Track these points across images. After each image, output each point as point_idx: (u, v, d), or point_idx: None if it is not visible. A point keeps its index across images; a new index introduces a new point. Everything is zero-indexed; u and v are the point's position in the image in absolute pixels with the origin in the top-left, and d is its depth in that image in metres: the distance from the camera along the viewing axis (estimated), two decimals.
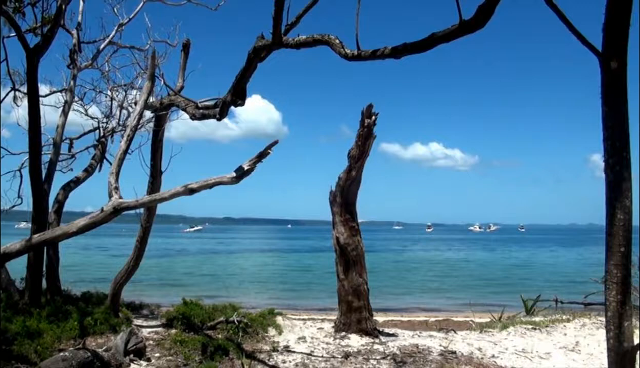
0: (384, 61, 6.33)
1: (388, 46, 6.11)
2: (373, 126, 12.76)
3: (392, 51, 6.02)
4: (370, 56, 6.26)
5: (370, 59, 6.32)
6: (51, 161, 15.50)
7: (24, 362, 9.68)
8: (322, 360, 11.01)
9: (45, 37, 13.89)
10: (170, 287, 34.32)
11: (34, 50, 13.90)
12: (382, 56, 6.12)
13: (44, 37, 13.84)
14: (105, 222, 9.18)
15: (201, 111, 9.92)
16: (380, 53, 6.12)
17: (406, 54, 5.96)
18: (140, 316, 14.10)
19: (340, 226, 13.12)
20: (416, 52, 5.88)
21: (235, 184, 8.69)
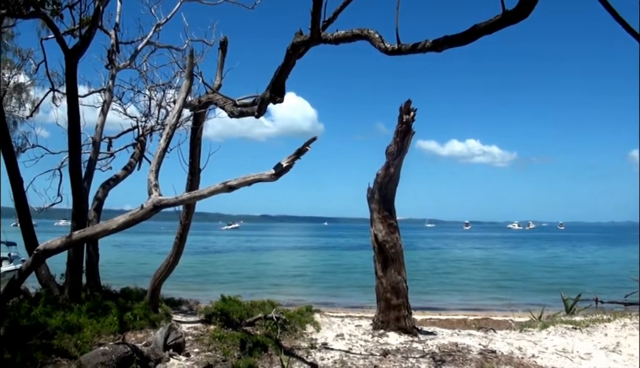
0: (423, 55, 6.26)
1: (429, 39, 6.02)
2: (411, 122, 12.66)
3: (434, 44, 5.94)
4: (410, 49, 6.19)
5: (411, 53, 6.24)
6: (91, 159, 15.74)
7: (64, 356, 9.81)
8: (361, 358, 10.95)
9: (84, 39, 14.09)
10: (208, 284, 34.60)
11: (72, 51, 14.12)
12: (423, 50, 6.04)
13: (82, 39, 14.04)
14: (145, 219, 9.26)
15: (239, 109, 9.96)
16: (422, 46, 6.05)
17: (447, 46, 5.87)
18: (179, 312, 14.25)
19: (379, 223, 13.06)
20: (458, 44, 5.80)
21: (273, 182, 8.69)
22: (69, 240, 10.14)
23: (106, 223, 9.61)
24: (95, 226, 10.55)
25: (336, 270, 50.41)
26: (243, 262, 58.88)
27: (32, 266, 10.59)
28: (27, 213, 14.87)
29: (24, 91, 22.35)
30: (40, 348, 10.04)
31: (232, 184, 8.69)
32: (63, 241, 10.00)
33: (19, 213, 14.79)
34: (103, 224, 9.77)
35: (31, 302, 13.29)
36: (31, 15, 12.84)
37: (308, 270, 51.96)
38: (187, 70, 10.82)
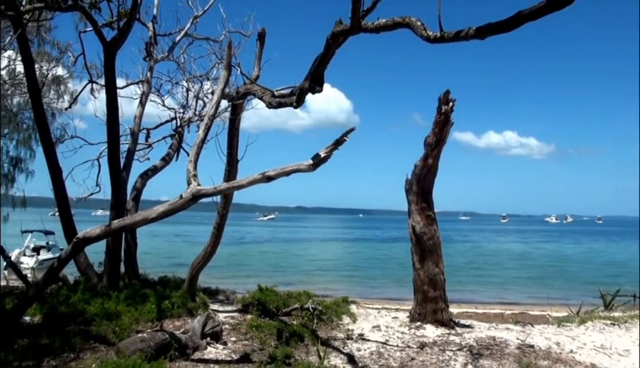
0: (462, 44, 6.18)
1: (472, 27, 5.93)
2: (450, 112, 12.49)
3: (477, 32, 5.85)
4: (453, 37, 6.10)
5: (454, 41, 6.15)
6: (129, 150, 15.93)
7: (102, 342, 9.99)
8: (398, 350, 10.91)
9: (122, 31, 14.24)
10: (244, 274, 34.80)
11: (110, 43, 14.29)
12: (466, 37, 5.95)
13: (120, 31, 14.19)
14: (183, 209, 9.33)
15: (277, 99, 9.96)
16: (465, 34, 5.96)
17: (490, 34, 5.78)
18: (216, 301, 14.36)
19: (416, 214, 12.96)
20: (501, 31, 5.70)
21: (310, 172, 8.68)
22: (109, 228, 10.26)
23: (145, 212, 9.70)
24: (135, 215, 10.65)
25: (371, 262, 50.30)
26: (278, 253, 59.13)
27: (71, 254, 10.73)
28: (66, 202, 15.10)
29: (62, 83, 22.68)
30: (79, 334, 10.25)
31: (271, 175, 8.70)
32: (102, 230, 10.12)
33: (58, 202, 15.03)
34: (142, 213, 9.87)
35: (70, 289, 13.55)
36: (69, 8, 13.00)
37: (343, 261, 51.96)
38: (225, 61, 10.85)
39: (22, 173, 24.60)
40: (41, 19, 16.15)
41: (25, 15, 13.37)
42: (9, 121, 23.27)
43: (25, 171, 24.61)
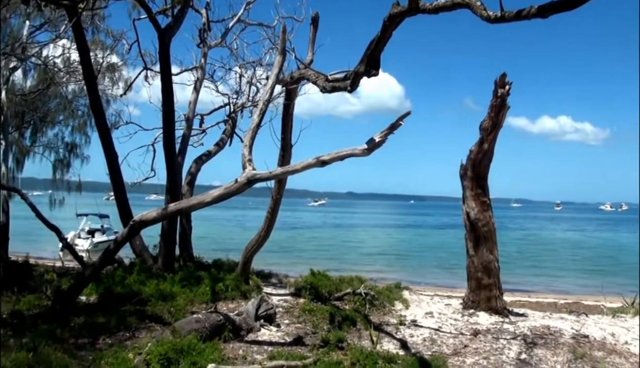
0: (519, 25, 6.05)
1: (534, 5, 5.78)
2: (506, 96, 12.26)
3: (539, 10, 5.70)
4: (514, 16, 5.96)
5: (515, 20, 6.01)
6: (184, 135, 16.12)
7: (157, 322, 10.19)
8: (451, 337, 10.85)
9: (176, 18, 14.41)
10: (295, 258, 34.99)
11: (165, 30, 14.48)
12: (528, 16, 5.81)
13: (174, 18, 14.38)
14: (239, 193, 9.41)
15: (331, 84, 9.94)
16: (526, 13, 5.82)
17: (553, 12, 5.62)
18: (269, 285, 14.51)
19: (471, 200, 12.80)
20: (565, 9, 5.54)
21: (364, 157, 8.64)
22: (165, 211, 10.45)
23: (201, 196, 9.83)
24: (191, 199, 10.81)
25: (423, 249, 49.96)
26: (329, 238, 59.23)
27: (128, 236, 10.97)
28: (122, 187, 15.42)
29: (116, 70, 23.02)
30: (134, 313, 10.47)
31: (325, 159, 8.70)
32: (159, 213, 10.30)
33: (114, 186, 15.35)
34: (198, 197, 10.01)
35: (125, 271, 13.86)
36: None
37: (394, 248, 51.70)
38: (280, 46, 10.86)
39: (78, 158, 25.09)
40: (95, 8, 16.40)
41: (80, 4, 13.61)
42: (64, 107, 23.76)
43: (81, 156, 25.09)
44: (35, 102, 23.00)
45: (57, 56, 21.41)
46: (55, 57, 21.41)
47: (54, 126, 24.76)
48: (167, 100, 14.85)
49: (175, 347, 7.84)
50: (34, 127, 24.19)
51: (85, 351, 8.46)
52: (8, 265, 12.98)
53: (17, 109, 22.19)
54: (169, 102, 14.87)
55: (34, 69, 22.89)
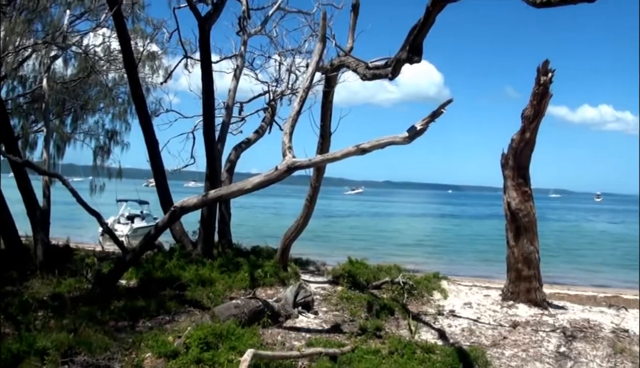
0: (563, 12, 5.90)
1: None
2: (549, 83, 12.02)
3: None
4: (560, 1, 5.82)
5: (561, 5, 5.87)
6: (224, 123, 16.20)
7: (196, 306, 10.30)
8: (489, 328, 10.77)
9: (216, 6, 14.46)
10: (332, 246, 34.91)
11: (205, 18, 14.57)
12: (574, 0, 5.68)
13: (214, 6, 14.44)
14: (279, 180, 9.45)
15: (372, 71, 9.87)
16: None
17: None
18: (306, 272, 14.58)
19: (512, 190, 12.62)
20: None
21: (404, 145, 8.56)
22: (205, 198, 10.54)
23: (241, 183, 9.88)
24: (231, 186, 10.89)
25: (460, 239, 49.42)
26: (366, 227, 59.03)
27: (168, 222, 11.10)
28: (162, 173, 15.57)
29: (156, 58, 23.16)
30: (174, 298, 10.65)
31: (365, 147, 8.64)
32: (199, 199, 10.40)
33: (155, 173, 15.51)
34: (238, 184, 10.07)
35: (165, 256, 14.05)
36: None
37: (431, 237, 51.29)
38: (320, 33, 10.80)
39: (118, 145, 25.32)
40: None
41: None
42: (104, 95, 24.00)
43: (121, 143, 25.31)
44: (75, 90, 23.27)
45: (98, 45, 21.60)
46: (95, 46, 21.61)
47: (94, 113, 24.99)
48: (207, 88, 14.94)
49: (215, 332, 7.92)
50: (75, 115, 24.46)
51: (125, 333, 8.61)
52: (49, 249, 13.20)
53: (58, 97, 22.47)
54: (209, 90, 14.96)
55: (74, 58, 23.13)
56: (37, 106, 22.58)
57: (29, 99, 23.11)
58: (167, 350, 7.54)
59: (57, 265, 12.48)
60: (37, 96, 22.14)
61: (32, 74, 23.01)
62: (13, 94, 23.10)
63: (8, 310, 9.27)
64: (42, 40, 20.03)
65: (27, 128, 23.10)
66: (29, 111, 23.46)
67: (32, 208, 13.16)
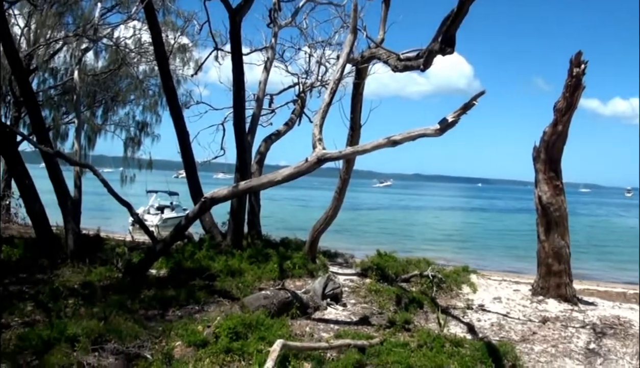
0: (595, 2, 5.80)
1: None
2: (582, 75, 11.79)
3: None
4: None
5: None
6: (254, 115, 16.27)
7: (226, 297, 10.42)
8: (519, 323, 10.68)
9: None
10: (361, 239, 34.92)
11: (236, 10, 14.60)
12: None
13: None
14: (309, 172, 9.45)
15: (403, 63, 9.80)
16: None
17: None
18: (335, 264, 14.57)
19: (544, 184, 12.44)
20: None
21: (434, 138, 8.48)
22: (236, 189, 10.59)
23: (271, 174, 9.91)
24: (261, 177, 10.90)
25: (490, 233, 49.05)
26: (395, 220, 58.88)
27: (199, 213, 11.18)
28: (192, 164, 15.68)
29: (187, 51, 23.31)
30: (203, 288, 10.75)
31: (396, 139, 8.58)
32: (230, 191, 10.45)
33: (185, 164, 15.64)
34: (268, 175, 10.08)
35: (195, 246, 14.17)
36: None
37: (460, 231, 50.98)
38: (351, 24, 10.76)
39: (148, 136, 25.59)
40: None
41: None
42: (135, 87, 24.23)
43: (151, 134, 25.59)
44: (106, 82, 23.58)
45: (129, 37, 21.87)
46: (126, 38, 21.87)
47: (125, 105, 25.33)
48: (238, 80, 14.99)
49: (244, 322, 7.99)
50: (105, 107, 24.81)
51: (155, 322, 8.73)
52: (80, 238, 13.37)
53: (89, 88, 22.79)
54: (240, 82, 15.01)
55: (105, 50, 23.45)
56: (68, 98, 22.97)
57: (59, 91, 23.51)
58: (197, 339, 7.62)
59: (88, 254, 12.69)
60: (68, 88, 22.51)
61: (63, 66, 23.43)
62: (44, 86, 23.50)
63: (39, 298, 9.48)
64: (73, 33, 20.29)
65: (58, 120, 23.49)
66: (60, 102, 23.88)
67: (63, 198, 13.35)
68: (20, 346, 6.91)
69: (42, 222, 13.23)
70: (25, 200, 13.39)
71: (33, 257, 12.45)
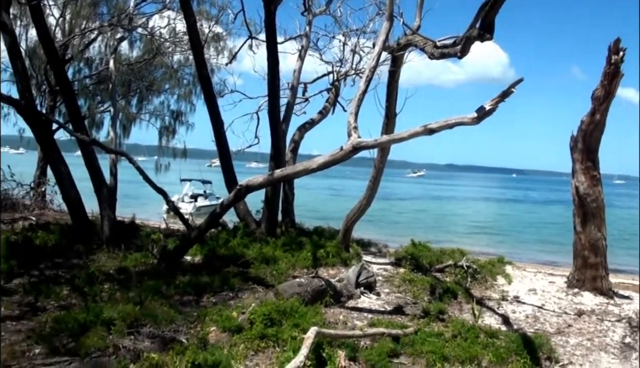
0: None
1: None
2: (620, 63, 11.51)
3: None
4: None
5: None
6: (289, 103, 16.30)
7: (260, 284, 10.47)
8: (554, 315, 10.53)
9: None
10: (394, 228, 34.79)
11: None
12: None
13: None
14: (344, 160, 9.41)
15: (440, 50, 9.69)
16: None
17: None
18: (368, 253, 14.54)
19: (581, 174, 12.22)
20: None
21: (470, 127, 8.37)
22: (271, 177, 10.61)
23: (307, 162, 9.90)
24: (296, 166, 10.91)
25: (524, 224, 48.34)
26: (428, 210, 58.44)
27: (234, 200, 11.23)
28: (227, 153, 15.75)
29: (221, 40, 23.40)
30: (238, 275, 10.82)
31: (433, 127, 8.49)
32: (265, 179, 10.47)
33: (220, 153, 15.71)
34: (304, 163, 10.08)
35: (229, 234, 14.26)
36: None
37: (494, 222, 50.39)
38: (387, 11, 10.65)
39: (183, 125, 25.76)
40: None
41: None
42: (169, 76, 24.40)
43: (186, 123, 25.76)
44: (141, 72, 23.80)
45: (163, 27, 22.01)
46: (161, 28, 22.02)
47: (159, 94, 25.52)
48: (273, 68, 15.00)
49: (279, 309, 7.99)
50: (140, 96, 25.02)
51: (189, 307, 8.77)
52: (115, 225, 13.52)
53: (123, 78, 23.02)
54: (274, 71, 15.02)
55: (140, 40, 23.64)
56: (103, 87, 23.24)
57: (94, 80, 23.76)
58: (232, 325, 7.64)
59: (123, 240, 12.83)
60: (103, 77, 22.77)
61: (98, 56, 23.64)
62: (79, 75, 23.76)
63: (75, 282, 9.60)
64: (107, 22, 20.49)
65: (93, 108, 23.75)
66: (95, 91, 24.11)
67: (99, 185, 13.51)
68: (57, 329, 6.99)
69: (78, 208, 13.41)
70: (62, 187, 13.57)
71: (69, 243, 12.60)
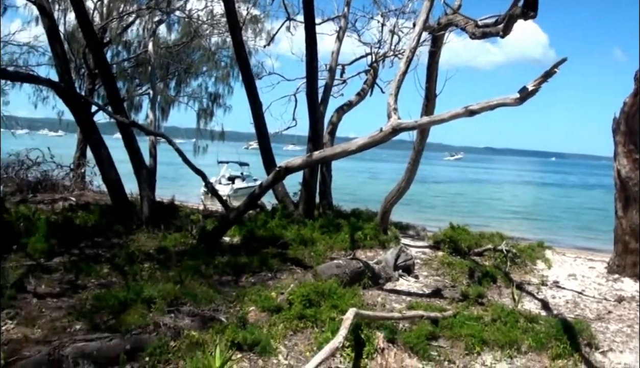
0: None
1: None
2: None
3: None
4: None
5: None
6: (327, 85, 16.26)
7: (298, 265, 10.54)
8: (594, 301, 10.39)
9: None
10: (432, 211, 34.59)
11: None
12: None
13: None
14: (383, 142, 9.37)
15: (481, 30, 9.50)
16: None
17: None
18: (406, 236, 14.45)
19: (623, 157, 11.83)
20: None
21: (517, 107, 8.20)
22: (310, 159, 10.62)
23: (345, 144, 9.89)
24: (335, 147, 10.89)
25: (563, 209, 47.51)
26: (466, 193, 57.87)
27: (272, 182, 11.29)
28: (265, 134, 15.80)
29: (259, 22, 23.41)
30: (276, 256, 10.88)
31: (474, 109, 8.37)
32: (304, 160, 10.48)
33: (258, 135, 15.77)
34: (342, 145, 10.07)
35: (267, 215, 14.32)
36: None
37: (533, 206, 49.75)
38: None
39: (220, 107, 25.90)
40: None
41: None
42: (207, 59, 24.52)
43: (223, 106, 25.88)
44: (179, 54, 23.96)
45: (201, 9, 22.09)
46: (199, 10, 22.09)
47: (197, 76, 25.69)
48: (311, 50, 14.94)
49: (317, 290, 8.03)
50: (178, 78, 25.21)
51: (228, 287, 8.88)
52: (155, 205, 13.66)
53: (162, 60, 23.20)
54: (312, 52, 14.96)
55: (177, 23, 23.77)
56: (141, 70, 23.46)
57: (133, 63, 24.00)
58: (271, 305, 7.72)
59: (163, 220, 12.97)
60: (141, 60, 23.01)
61: (136, 39, 23.87)
62: (117, 58, 24.02)
63: (115, 261, 9.73)
64: (145, 5, 20.63)
65: (131, 91, 24.02)
66: (134, 74, 24.37)
67: (138, 166, 13.66)
68: (97, 306, 7.10)
69: (118, 189, 13.58)
70: (101, 168, 13.75)
71: (108, 223, 12.75)
